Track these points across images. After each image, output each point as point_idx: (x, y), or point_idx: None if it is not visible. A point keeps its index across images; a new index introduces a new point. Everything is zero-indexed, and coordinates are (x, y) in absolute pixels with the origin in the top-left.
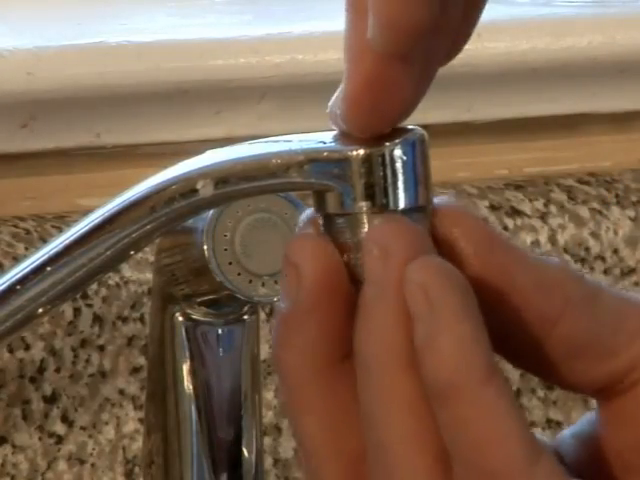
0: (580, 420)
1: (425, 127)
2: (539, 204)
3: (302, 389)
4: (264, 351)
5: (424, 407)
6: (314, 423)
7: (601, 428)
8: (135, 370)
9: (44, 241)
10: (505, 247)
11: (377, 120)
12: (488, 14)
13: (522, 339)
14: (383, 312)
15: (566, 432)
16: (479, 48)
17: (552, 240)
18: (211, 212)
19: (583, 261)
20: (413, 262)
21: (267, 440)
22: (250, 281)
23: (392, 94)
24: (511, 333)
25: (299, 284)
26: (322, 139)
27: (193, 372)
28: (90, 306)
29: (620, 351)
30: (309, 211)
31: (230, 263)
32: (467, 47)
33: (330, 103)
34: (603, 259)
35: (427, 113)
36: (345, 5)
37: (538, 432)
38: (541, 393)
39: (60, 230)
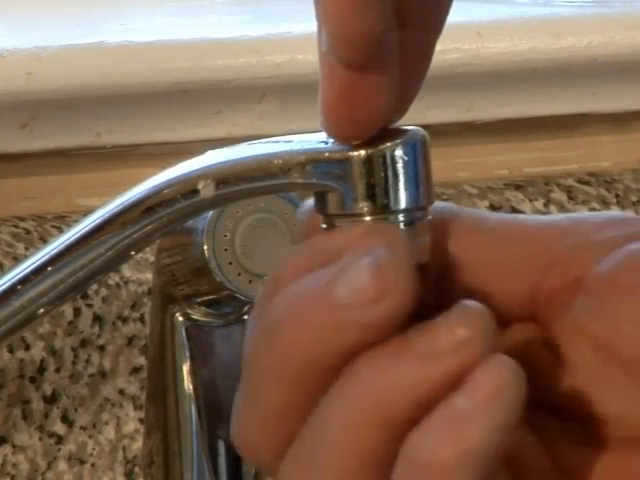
0: None
1: (425, 127)
2: (539, 204)
3: None
4: None
5: None
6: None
7: None
8: (135, 370)
9: (44, 241)
10: None
11: (356, 128)
12: (488, 14)
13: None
14: None
15: None
16: (479, 48)
17: None
18: (211, 212)
19: None
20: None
21: None
22: (250, 281)
23: (366, 101)
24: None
25: None
26: (323, 139)
27: (193, 372)
28: (90, 306)
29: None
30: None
31: (230, 263)
32: (467, 47)
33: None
34: None
35: (427, 113)
36: (315, 14)
37: None
38: None
39: (60, 230)
